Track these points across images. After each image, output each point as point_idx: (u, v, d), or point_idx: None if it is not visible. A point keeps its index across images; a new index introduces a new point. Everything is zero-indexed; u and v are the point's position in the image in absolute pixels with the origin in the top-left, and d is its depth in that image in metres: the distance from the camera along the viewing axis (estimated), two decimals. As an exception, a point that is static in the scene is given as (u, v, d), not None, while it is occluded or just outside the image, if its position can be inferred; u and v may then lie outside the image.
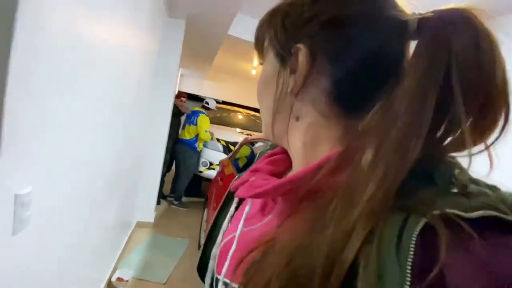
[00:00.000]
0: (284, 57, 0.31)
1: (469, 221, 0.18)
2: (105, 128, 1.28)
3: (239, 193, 0.35)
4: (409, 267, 0.18)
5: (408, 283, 0.18)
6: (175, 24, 2.78)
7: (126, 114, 1.66)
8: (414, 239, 0.19)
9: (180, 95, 3.77)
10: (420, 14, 0.26)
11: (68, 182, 0.93)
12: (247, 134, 4.31)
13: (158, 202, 3.36)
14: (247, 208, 0.38)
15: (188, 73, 6.88)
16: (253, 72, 6.33)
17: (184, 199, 4.04)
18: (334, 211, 0.23)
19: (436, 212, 0.19)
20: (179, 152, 3.69)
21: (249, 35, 3.34)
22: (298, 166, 0.33)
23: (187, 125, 3.71)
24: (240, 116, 5.30)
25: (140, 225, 2.92)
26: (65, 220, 0.97)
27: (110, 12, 1.07)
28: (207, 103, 4.01)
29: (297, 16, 0.30)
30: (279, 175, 0.39)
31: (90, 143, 1.09)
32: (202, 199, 4.22)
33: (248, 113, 5.44)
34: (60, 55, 0.73)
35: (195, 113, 3.71)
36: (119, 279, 1.92)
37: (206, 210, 2.63)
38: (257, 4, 2.43)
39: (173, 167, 3.90)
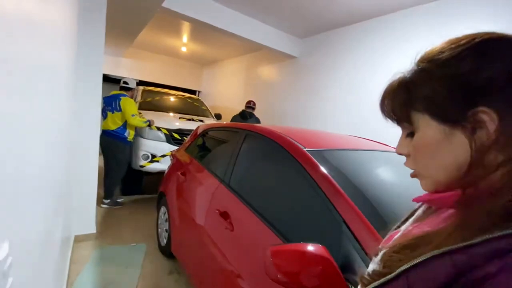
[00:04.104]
0: (457, 121, 0.35)
1: None
2: (18, 119, 0.95)
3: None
4: None
5: None
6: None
7: (46, 99, 1.28)
8: None
9: None
10: None
11: None
12: (189, 119, 4.00)
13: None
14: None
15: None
16: (183, 49, 5.80)
17: (123, 198, 3.57)
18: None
19: None
20: (106, 146, 3.17)
21: (187, 9, 2.98)
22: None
23: (109, 113, 3.17)
24: (172, 99, 4.77)
25: (79, 239, 2.45)
26: None
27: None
28: (125, 82, 3.38)
29: (467, 82, 0.34)
30: None
31: None
32: (145, 196, 3.83)
33: (182, 95, 4.98)
34: None
35: (115, 97, 3.18)
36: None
37: (164, 208, 2.37)
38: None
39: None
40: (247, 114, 4.28)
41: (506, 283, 0.25)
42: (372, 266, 0.41)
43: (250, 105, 4.40)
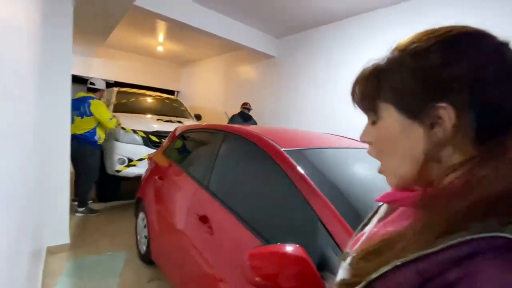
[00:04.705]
0: (417, 114, 0.34)
1: None
2: None
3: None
4: None
5: None
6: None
7: (13, 104, 1.20)
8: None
9: None
10: None
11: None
12: (168, 120, 3.90)
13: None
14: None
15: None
16: (160, 48, 5.65)
17: (100, 205, 3.43)
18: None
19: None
20: (74, 151, 2.95)
21: (161, 8, 2.90)
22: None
23: (77, 118, 2.99)
24: (149, 100, 4.62)
25: (52, 251, 2.32)
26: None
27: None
28: (92, 83, 3.19)
29: (432, 75, 0.33)
30: None
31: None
32: (123, 202, 3.69)
33: (160, 96, 4.84)
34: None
35: (82, 101, 3.02)
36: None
37: (142, 214, 2.30)
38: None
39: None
40: (247, 115, 4.27)
41: None
42: (341, 272, 0.40)
43: (247, 106, 4.38)
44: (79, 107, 3.00)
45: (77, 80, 4.88)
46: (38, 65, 1.77)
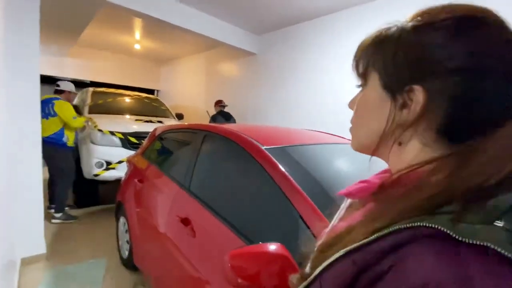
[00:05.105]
0: (394, 91, 0.33)
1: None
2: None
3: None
4: None
5: None
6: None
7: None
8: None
9: None
10: None
11: None
12: (147, 121, 3.79)
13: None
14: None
15: (41, 48, 5.22)
16: (137, 46, 5.47)
17: (78, 211, 3.29)
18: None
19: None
20: (44, 155, 2.82)
21: (136, 4, 2.79)
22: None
23: (42, 120, 2.80)
24: (128, 100, 4.47)
25: (26, 262, 2.20)
26: None
27: None
28: (57, 85, 3.18)
29: (419, 54, 0.31)
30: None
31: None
32: (103, 207, 3.56)
33: (139, 95, 4.69)
34: None
35: (47, 102, 2.92)
36: None
37: (123, 218, 2.23)
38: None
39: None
40: (227, 113, 4.24)
41: (394, 282, 0.24)
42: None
43: (222, 103, 4.33)
44: (44, 109, 2.88)
45: (50, 81, 4.64)
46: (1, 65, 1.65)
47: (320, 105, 3.54)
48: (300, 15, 3.53)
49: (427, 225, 0.24)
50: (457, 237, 0.22)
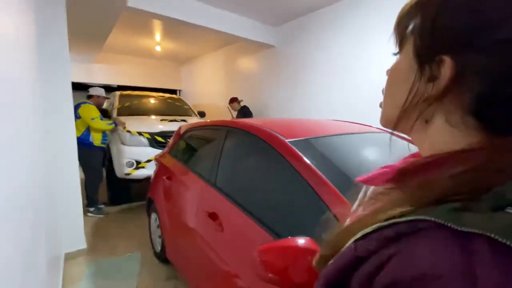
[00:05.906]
0: (423, 59, 0.30)
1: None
2: None
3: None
4: None
5: None
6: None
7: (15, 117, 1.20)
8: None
9: None
10: None
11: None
12: (172, 120, 3.90)
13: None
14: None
15: (71, 56, 5.52)
16: (158, 48, 5.62)
17: (113, 208, 3.50)
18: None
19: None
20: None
21: (154, 6, 2.86)
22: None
23: None
24: (152, 101, 4.64)
25: (70, 256, 2.38)
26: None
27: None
28: (88, 91, 3.50)
29: (455, 21, 0.27)
30: None
31: None
32: (136, 204, 3.74)
33: (163, 96, 4.84)
34: None
35: (76, 107, 3.14)
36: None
37: (154, 214, 2.32)
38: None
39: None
40: (248, 110, 4.32)
41: (392, 273, 0.23)
42: None
43: (238, 100, 4.39)
44: (75, 113, 3.10)
45: (81, 87, 4.94)
46: (34, 74, 1.77)
47: (346, 93, 3.41)
48: (316, 2, 3.40)
49: (430, 219, 0.23)
50: (459, 228, 0.21)
